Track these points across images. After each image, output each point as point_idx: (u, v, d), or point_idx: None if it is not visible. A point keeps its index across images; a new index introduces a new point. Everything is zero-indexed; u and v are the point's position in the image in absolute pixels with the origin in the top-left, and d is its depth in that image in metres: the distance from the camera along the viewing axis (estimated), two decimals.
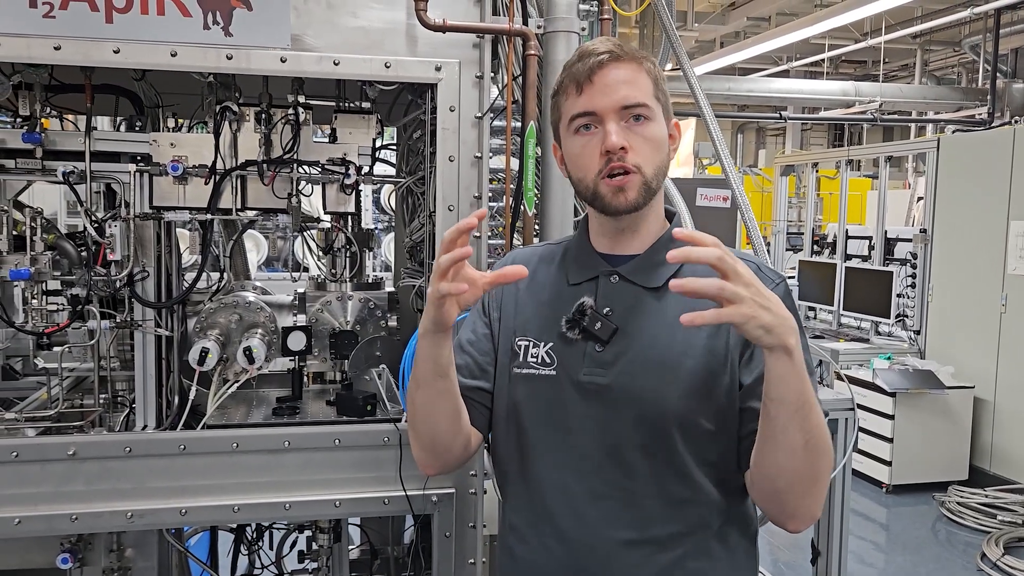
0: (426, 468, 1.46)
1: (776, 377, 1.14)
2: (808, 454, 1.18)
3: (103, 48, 1.87)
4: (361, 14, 2.01)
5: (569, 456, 1.34)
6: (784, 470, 1.21)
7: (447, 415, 1.37)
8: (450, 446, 1.41)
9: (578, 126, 1.33)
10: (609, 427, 1.32)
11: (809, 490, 1.23)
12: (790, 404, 1.15)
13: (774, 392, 1.15)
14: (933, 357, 6.16)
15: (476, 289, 1.23)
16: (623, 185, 1.30)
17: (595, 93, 1.30)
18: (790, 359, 1.12)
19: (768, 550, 4.77)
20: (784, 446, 1.18)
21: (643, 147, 1.30)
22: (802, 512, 1.26)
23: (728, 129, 17.56)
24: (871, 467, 5.83)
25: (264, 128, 2.19)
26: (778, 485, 1.24)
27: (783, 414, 1.16)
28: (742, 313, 1.07)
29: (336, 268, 2.54)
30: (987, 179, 5.79)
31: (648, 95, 1.32)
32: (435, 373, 1.31)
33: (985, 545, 4.72)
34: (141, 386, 2.20)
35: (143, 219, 2.17)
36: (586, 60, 1.31)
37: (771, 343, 1.10)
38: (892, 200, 8.21)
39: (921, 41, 11.39)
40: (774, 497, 1.26)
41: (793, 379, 1.13)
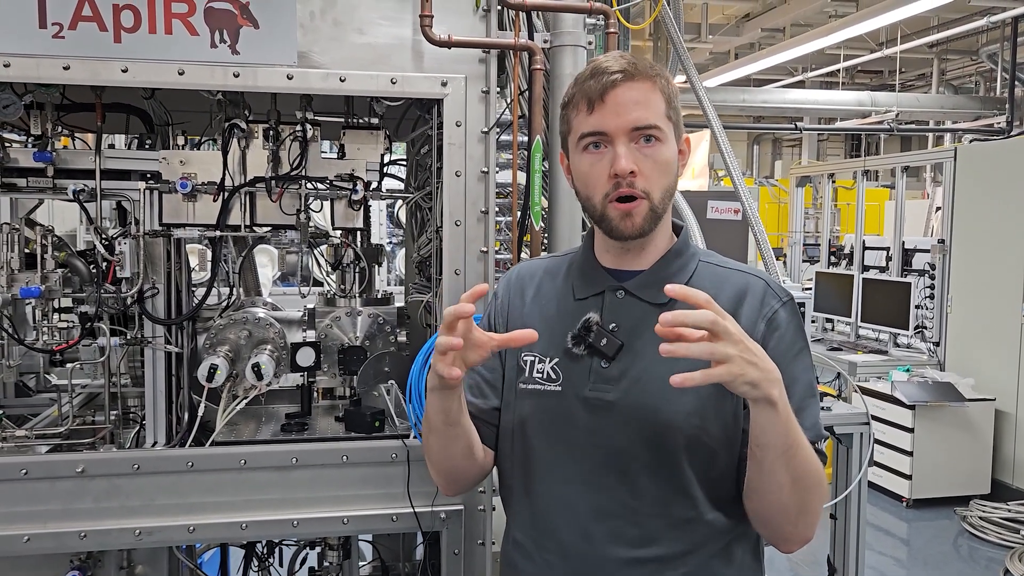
0: (445, 491, 1.52)
1: (760, 426, 1.17)
2: (796, 490, 1.21)
3: (111, 67, 1.89)
4: (367, 31, 2.02)
5: (574, 472, 1.34)
6: (772, 505, 1.25)
7: (462, 453, 1.41)
8: (466, 475, 1.47)
9: (587, 144, 1.32)
10: (614, 444, 1.31)
11: (799, 519, 1.26)
12: (775, 448, 1.18)
13: (759, 439, 1.18)
14: (953, 369, 6.07)
15: (483, 351, 1.25)
16: (631, 211, 1.30)
17: (606, 113, 1.29)
18: (774, 409, 1.14)
19: (788, 566, 4.70)
20: (772, 485, 1.22)
21: (652, 171, 1.30)
22: (794, 537, 1.29)
23: (744, 140, 17.52)
24: (891, 481, 5.74)
25: (272, 145, 2.20)
26: (768, 516, 1.28)
27: (768, 458, 1.19)
28: (731, 372, 1.09)
29: (345, 284, 2.55)
30: (1006, 188, 5.73)
31: (660, 116, 1.30)
32: (446, 423, 1.35)
33: (1008, 561, 4.63)
34: (151, 403, 2.20)
35: (153, 236, 2.18)
36: (599, 78, 1.30)
37: (756, 396, 1.13)
38: (910, 210, 8.14)
39: (938, 50, 11.32)
40: (765, 524, 1.30)
41: (777, 427, 1.16)
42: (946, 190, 6.43)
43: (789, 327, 1.32)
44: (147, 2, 1.88)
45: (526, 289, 1.47)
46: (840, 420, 2.89)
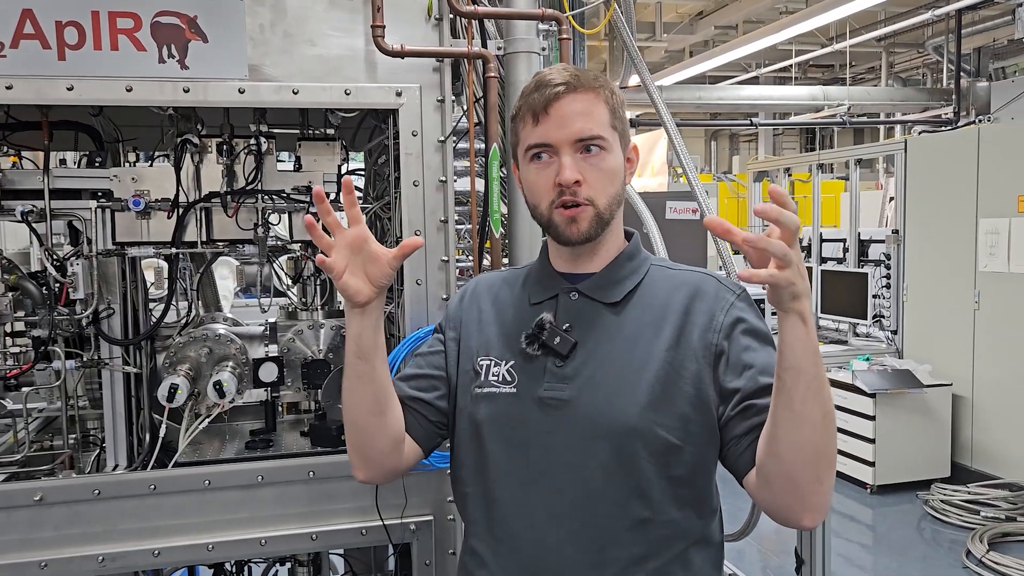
0: (356, 471, 1.44)
1: (791, 345, 1.12)
2: (827, 429, 1.16)
3: (57, 85, 1.85)
4: (319, 42, 2.01)
5: (530, 475, 1.33)
6: (804, 448, 1.16)
7: (368, 403, 1.36)
8: (374, 444, 1.39)
9: (533, 155, 1.34)
10: (571, 443, 1.31)
11: (825, 473, 1.19)
12: (807, 372, 1.13)
13: (792, 361, 1.13)
14: (911, 356, 6.20)
15: (383, 265, 1.28)
16: (576, 216, 1.32)
17: (550, 125, 1.31)
18: (806, 327, 1.12)
19: (758, 556, 4.77)
20: (805, 420, 1.15)
21: (597, 179, 1.32)
22: (816, 500, 1.21)
23: (701, 137, 17.72)
24: (855, 468, 5.85)
25: (226, 159, 2.18)
26: (795, 468, 1.18)
27: (802, 384, 1.13)
28: (787, 277, 1.07)
29: (307, 296, 2.52)
30: (955, 178, 5.86)
31: (604, 126, 1.33)
32: (355, 354, 1.33)
33: (970, 542, 4.74)
34: (111, 425, 2.17)
35: (106, 256, 2.14)
36: (543, 90, 1.32)
37: (793, 308, 1.11)
38: (865, 201, 8.29)
39: (886, 44, 11.54)
40: (789, 485, 1.20)
41: (809, 346, 1.13)
42: (898, 181, 6.56)
43: (750, 315, 1.33)
44: (91, 18, 1.85)
45: (484, 299, 1.48)
46: None
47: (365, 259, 1.28)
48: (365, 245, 1.28)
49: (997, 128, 5.98)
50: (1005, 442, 5.57)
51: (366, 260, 1.28)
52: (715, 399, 1.29)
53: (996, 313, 5.58)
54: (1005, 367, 5.54)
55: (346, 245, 1.28)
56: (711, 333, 1.31)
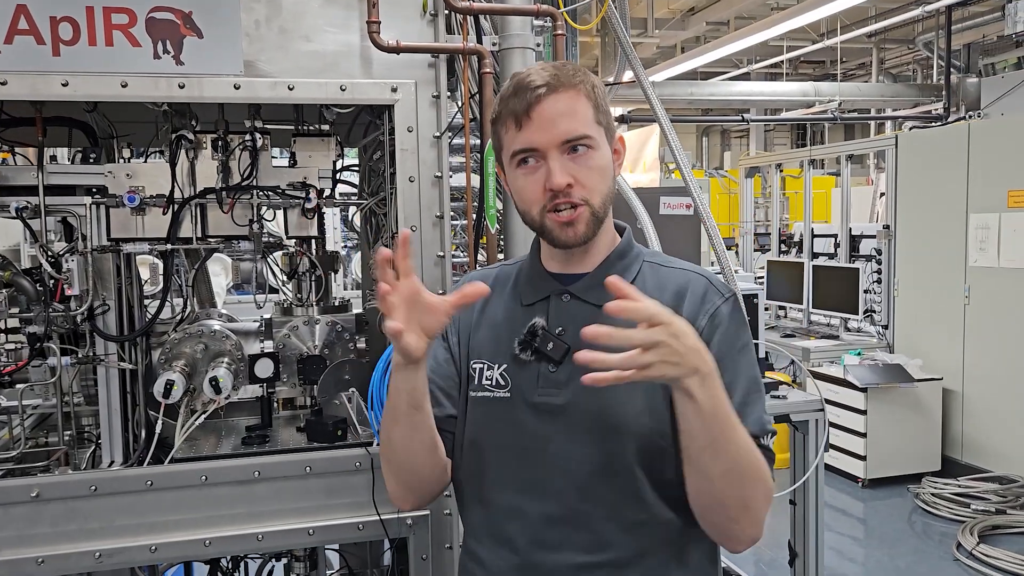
0: (402, 504, 1.45)
1: (681, 415, 1.17)
2: (729, 482, 1.20)
3: (51, 81, 1.85)
4: (314, 38, 2.01)
5: (525, 479, 1.33)
6: (705, 495, 1.23)
7: (425, 449, 1.35)
8: (428, 480, 1.40)
9: (520, 160, 1.31)
10: (564, 448, 1.31)
11: (739, 516, 1.23)
12: (699, 439, 1.17)
13: (683, 427, 1.19)
14: (901, 351, 6.24)
15: (440, 315, 1.22)
16: (572, 220, 1.29)
17: (534, 129, 1.27)
18: (692, 401, 1.13)
19: (751, 550, 4.79)
20: (702, 473, 1.20)
21: (588, 178, 1.29)
22: (736, 534, 1.26)
23: (693, 133, 17.74)
24: (847, 462, 5.88)
25: (221, 155, 2.17)
26: (705, 509, 1.26)
27: (693, 447, 1.19)
28: (646, 374, 1.08)
29: (302, 292, 2.52)
30: (945, 174, 5.90)
31: (588, 123, 1.29)
32: (410, 406, 1.29)
33: (960, 534, 4.78)
34: (106, 421, 2.16)
35: (101, 252, 2.13)
36: (523, 94, 1.27)
37: (675, 385, 1.13)
38: (856, 197, 8.33)
39: (876, 40, 11.58)
40: (707, 521, 1.27)
41: (700, 417, 1.15)
42: (889, 176, 6.59)
43: (732, 323, 1.32)
44: (86, 14, 1.84)
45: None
46: (795, 408, 2.95)
47: (420, 311, 1.21)
48: (419, 297, 1.21)
49: (987, 124, 6.03)
50: (995, 436, 5.61)
51: (421, 312, 1.21)
52: None
53: (986, 308, 5.62)
54: (995, 361, 5.58)
55: (403, 301, 1.20)
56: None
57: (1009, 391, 5.47)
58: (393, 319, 1.17)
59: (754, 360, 1.34)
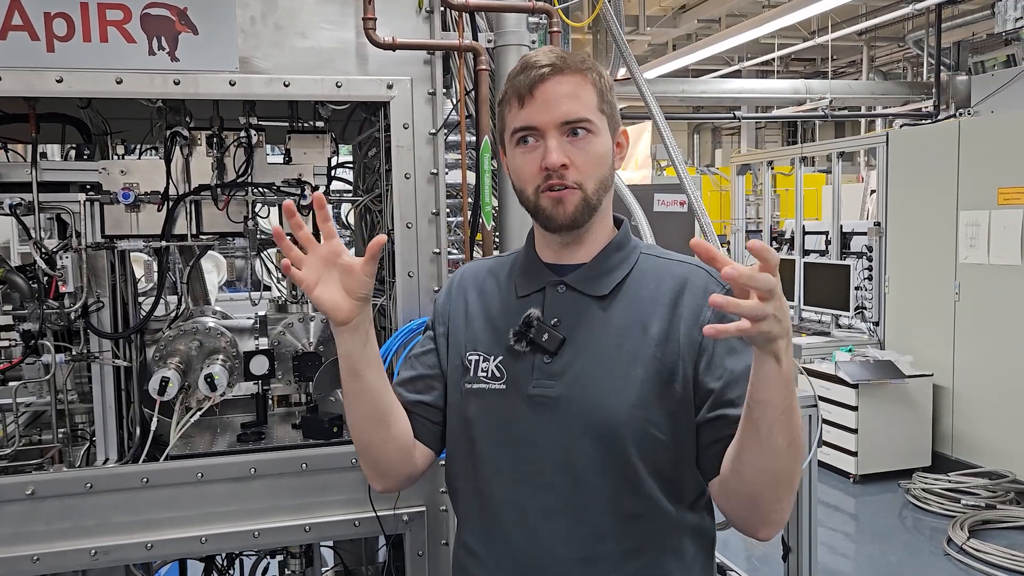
0: (373, 483, 1.45)
1: (761, 380, 1.12)
2: (790, 456, 1.17)
3: (45, 78, 1.84)
4: (310, 34, 2.00)
5: (521, 472, 1.33)
6: (767, 473, 1.19)
7: (369, 421, 1.35)
8: (383, 455, 1.39)
9: (519, 138, 1.31)
10: (560, 440, 1.30)
11: (786, 494, 1.21)
12: (776, 406, 1.13)
13: (762, 394, 1.13)
14: (892, 347, 6.28)
15: (358, 274, 1.24)
16: (562, 198, 1.29)
17: (536, 108, 1.28)
18: (779, 365, 1.10)
19: (742, 546, 4.81)
20: (769, 448, 1.16)
21: (585, 163, 1.29)
22: (775, 517, 1.24)
23: (684, 130, 17.78)
24: (838, 458, 5.92)
25: (216, 151, 2.17)
26: (757, 490, 1.21)
27: (768, 416, 1.13)
28: (758, 329, 1.04)
29: (297, 289, 2.52)
30: (936, 171, 5.93)
31: (591, 109, 1.29)
32: (348, 373, 1.31)
33: (951, 530, 4.81)
34: (101, 419, 2.16)
35: (95, 249, 2.13)
36: (528, 72, 1.29)
37: (767, 349, 1.09)
38: (846, 194, 8.35)
39: (867, 38, 11.63)
40: (750, 503, 1.23)
41: (778, 383, 1.12)
42: (880, 174, 6.61)
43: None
44: (80, 10, 1.84)
45: (470, 291, 1.46)
46: None
47: (341, 272, 1.25)
48: (339, 259, 1.24)
49: (977, 121, 6.06)
50: (985, 431, 5.65)
51: (341, 273, 1.25)
52: (695, 396, 1.29)
53: (976, 304, 5.65)
54: (985, 358, 5.62)
55: (319, 259, 1.24)
56: (696, 330, 1.29)
57: (999, 387, 5.51)
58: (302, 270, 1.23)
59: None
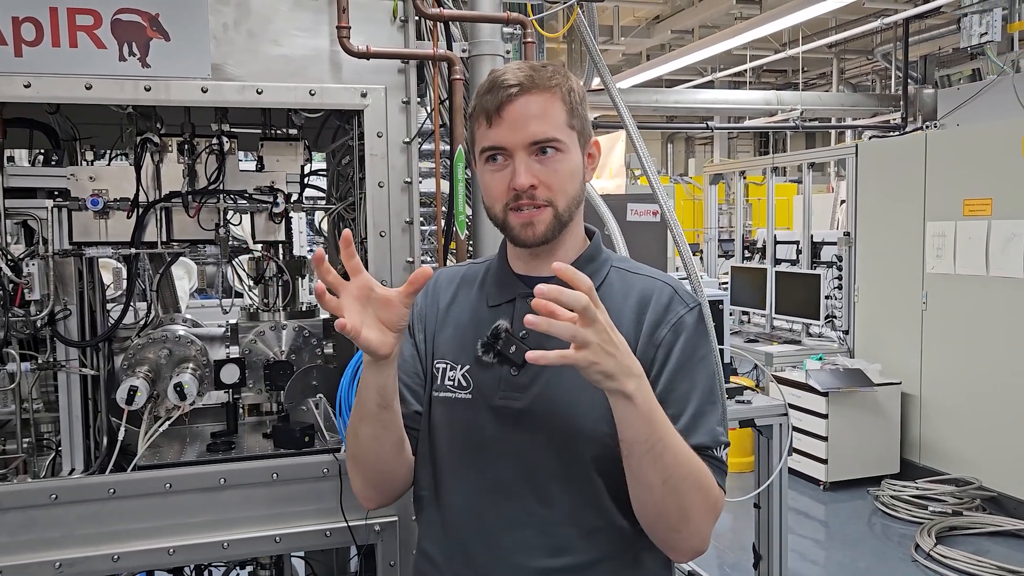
0: (368, 502, 1.43)
1: (620, 420, 1.17)
2: (668, 492, 1.20)
3: (13, 82, 1.81)
4: (283, 42, 2.00)
5: (483, 482, 1.33)
6: (646, 505, 1.23)
7: (393, 448, 1.34)
8: (394, 478, 1.39)
9: (488, 157, 1.31)
10: (524, 453, 1.30)
11: (680, 525, 1.24)
12: (639, 444, 1.17)
13: (623, 434, 1.19)
14: (862, 356, 6.36)
15: (397, 307, 1.21)
16: (532, 220, 1.29)
17: (503, 128, 1.27)
18: (631, 403, 1.14)
19: (714, 553, 4.84)
20: (642, 483, 1.21)
21: (554, 180, 1.29)
22: (678, 545, 1.27)
23: (658, 140, 17.91)
24: (809, 466, 5.97)
25: (188, 158, 2.15)
26: (645, 519, 1.26)
27: (635, 454, 1.19)
28: (587, 358, 1.08)
29: (268, 297, 2.50)
30: (904, 182, 6.03)
31: (559, 127, 1.29)
32: (379, 404, 1.28)
33: (918, 536, 4.87)
34: (67, 428, 2.12)
35: (63, 256, 2.10)
36: (496, 92, 1.28)
37: (611, 388, 1.13)
38: (817, 204, 8.46)
39: (836, 50, 11.81)
40: (649, 530, 1.28)
41: (637, 421, 1.16)
42: (849, 184, 6.71)
43: (694, 333, 1.32)
44: (49, 14, 1.82)
45: (443, 296, 1.45)
46: (760, 412, 3.00)
47: (376, 307, 1.20)
48: (372, 293, 1.20)
49: (943, 134, 6.17)
50: (951, 439, 5.74)
51: (377, 308, 1.20)
52: None
53: (943, 313, 5.74)
54: (951, 366, 5.71)
55: (354, 299, 1.19)
56: (650, 346, 1.30)
57: (965, 395, 5.60)
58: (344, 317, 1.17)
59: (712, 372, 1.34)
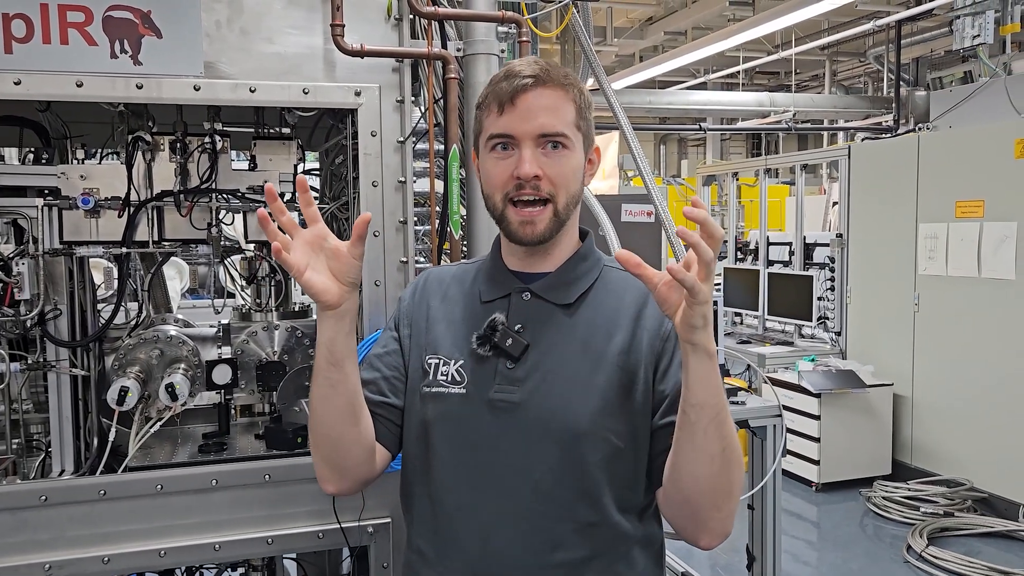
0: (326, 483, 1.39)
1: (699, 380, 1.15)
2: (725, 462, 1.20)
3: (3, 79, 1.79)
4: (277, 40, 1.98)
5: (478, 477, 1.32)
6: (701, 479, 1.21)
7: (342, 416, 1.31)
8: (348, 454, 1.35)
9: (494, 145, 1.32)
10: (519, 446, 1.30)
11: (724, 502, 1.24)
12: (711, 408, 1.16)
13: (696, 396, 1.16)
14: (854, 357, 6.37)
15: (346, 258, 1.23)
16: (533, 218, 1.30)
17: (515, 117, 1.29)
18: (712, 361, 1.14)
19: (706, 555, 4.84)
20: (703, 452, 1.19)
21: (558, 175, 1.31)
22: (714, 525, 1.26)
23: (650, 141, 17.92)
24: (801, 467, 5.98)
25: (180, 157, 2.14)
26: (693, 496, 1.24)
27: (704, 418, 1.17)
28: (706, 292, 1.09)
29: (261, 297, 2.49)
30: (896, 184, 6.04)
31: (568, 124, 1.31)
32: (328, 361, 1.27)
33: (910, 537, 4.89)
34: (57, 429, 2.10)
35: (53, 255, 2.08)
36: (511, 80, 1.30)
37: (700, 341, 1.13)
38: (809, 206, 8.48)
39: (829, 52, 11.84)
40: (688, 510, 1.26)
41: (713, 382, 1.16)
42: (842, 186, 6.72)
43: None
44: (40, 11, 1.80)
45: (434, 295, 1.46)
46: (754, 414, 3.00)
47: (328, 256, 1.24)
48: (324, 243, 1.23)
49: (935, 136, 6.18)
50: (943, 440, 5.76)
51: (328, 257, 1.24)
52: (652, 404, 1.31)
53: (935, 315, 5.76)
54: (943, 368, 5.73)
55: (305, 243, 1.23)
56: (658, 340, 1.32)
57: (957, 397, 5.61)
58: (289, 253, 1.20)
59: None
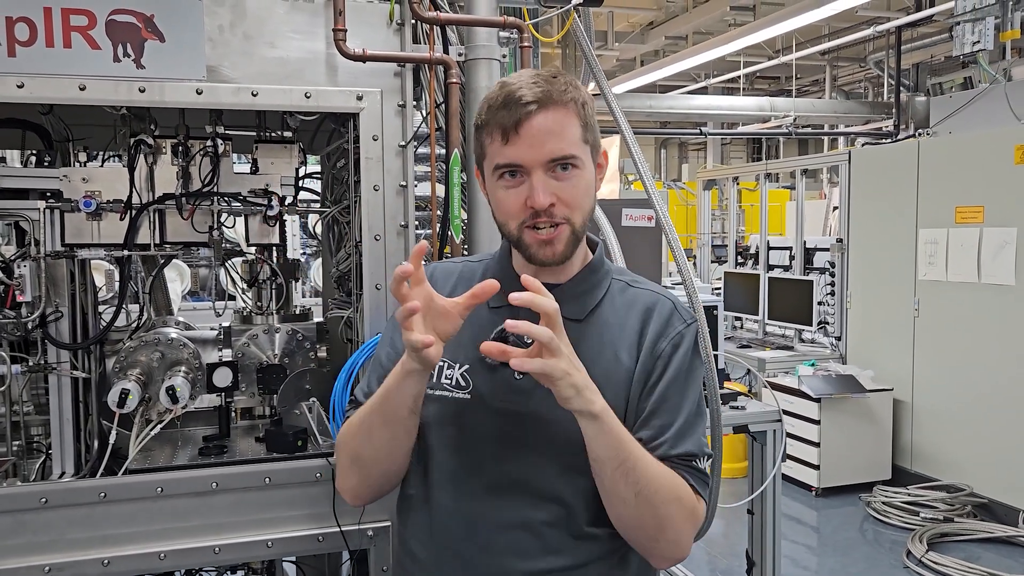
0: (357, 500, 1.42)
1: (590, 439, 1.21)
2: (642, 504, 1.23)
3: (6, 82, 1.80)
4: (279, 44, 1.99)
5: (477, 484, 1.32)
6: (622, 517, 1.27)
7: (407, 453, 1.35)
8: (394, 478, 1.39)
9: (503, 173, 1.29)
10: (521, 456, 1.30)
11: (658, 534, 1.27)
12: (611, 460, 1.21)
13: (593, 452, 1.22)
14: (854, 362, 6.37)
15: (454, 319, 1.22)
16: (551, 239, 1.29)
17: (521, 146, 1.25)
18: (598, 421, 1.19)
19: (706, 559, 4.83)
20: (615, 497, 1.24)
21: (571, 197, 1.28)
22: (658, 553, 1.31)
23: (651, 145, 17.94)
24: (801, 472, 5.98)
25: (182, 160, 2.14)
26: (623, 530, 1.29)
27: (607, 470, 1.22)
28: (561, 368, 1.14)
29: (262, 300, 2.49)
30: (896, 189, 6.05)
31: (576, 143, 1.28)
32: (411, 411, 1.28)
33: (910, 542, 4.88)
34: (57, 431, 2.11)
35: (55, 258, 2.08)
36: (512, 109, 1.25)
37: (579, 406, 1.17)
38: (809, 211, 8.48)
39: (829, 58, 11.85)
40: (628, 538, 1.30)
41: (606, 439, 1.20)
42: (842, 191, 6.73)
43: (690, 348, 1.36)
44: (43, 15, 1.80)
45: (441, 290, 1.41)
46: (754, 419, 3.00)
47: (435, 317, 1.21)
48: (432, 303, 1.20)
49: (935, 141, 6.19)
50: (943, 445, 5.75)
51: (435, 318, 1.21)
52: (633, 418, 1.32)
53: (935, 320, 5.76)
54: (943, 373, 5.72)
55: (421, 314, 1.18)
56: (650, 358, 1.32)
57: (956, 402, 5.61)
58: (414, 330, 1.17)
59: (700, 387, 1.38)
